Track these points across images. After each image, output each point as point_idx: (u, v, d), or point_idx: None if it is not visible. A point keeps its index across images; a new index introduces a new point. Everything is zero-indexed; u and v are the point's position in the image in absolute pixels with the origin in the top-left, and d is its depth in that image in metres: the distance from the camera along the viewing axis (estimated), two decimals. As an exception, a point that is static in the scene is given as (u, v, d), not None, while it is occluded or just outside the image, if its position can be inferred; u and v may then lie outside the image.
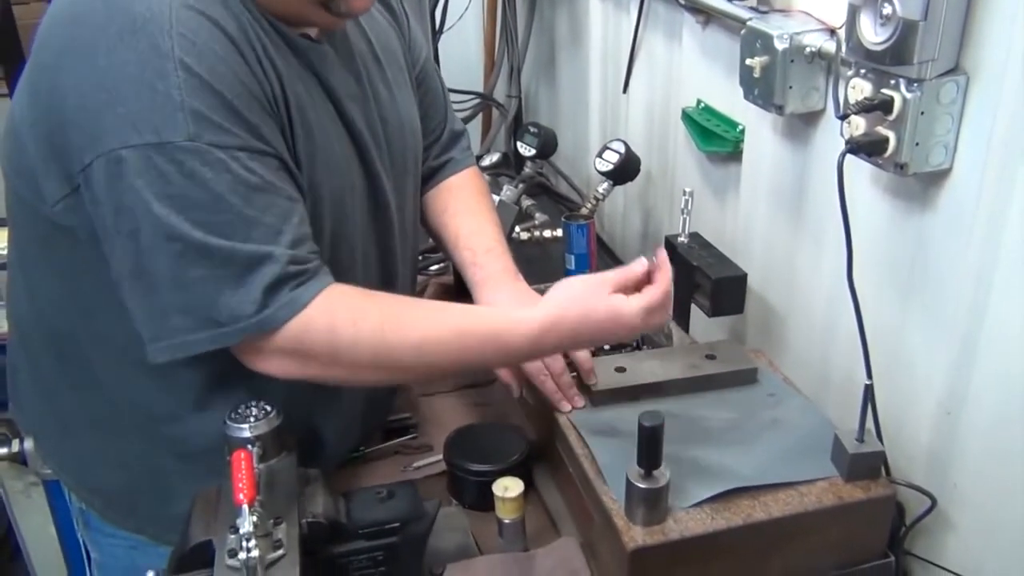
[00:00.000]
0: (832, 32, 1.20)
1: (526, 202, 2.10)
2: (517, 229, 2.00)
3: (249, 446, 0.97)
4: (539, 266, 1.93)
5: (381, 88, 1.18)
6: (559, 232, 1.93)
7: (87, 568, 1.30)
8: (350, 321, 1.00)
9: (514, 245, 1.93)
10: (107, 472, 1.17)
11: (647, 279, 1.11)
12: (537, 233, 2.03)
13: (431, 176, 1.39)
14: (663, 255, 1.12)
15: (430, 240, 1.45)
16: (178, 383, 1.08)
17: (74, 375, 1.12)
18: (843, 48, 1.12)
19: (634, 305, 1.07)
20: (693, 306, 1.50)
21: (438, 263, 1.90)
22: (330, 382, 1.06)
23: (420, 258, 1.67)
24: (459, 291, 1.63)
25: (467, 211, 1.37)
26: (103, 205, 0.93)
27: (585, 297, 1.09)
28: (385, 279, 1.21)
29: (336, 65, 1.09)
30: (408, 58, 1.29)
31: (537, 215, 2.10)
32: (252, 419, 1.00)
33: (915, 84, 1.00)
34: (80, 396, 1.14)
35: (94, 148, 0.90)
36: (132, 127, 0.89)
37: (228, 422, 1.00)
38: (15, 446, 1.98)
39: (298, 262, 0.97)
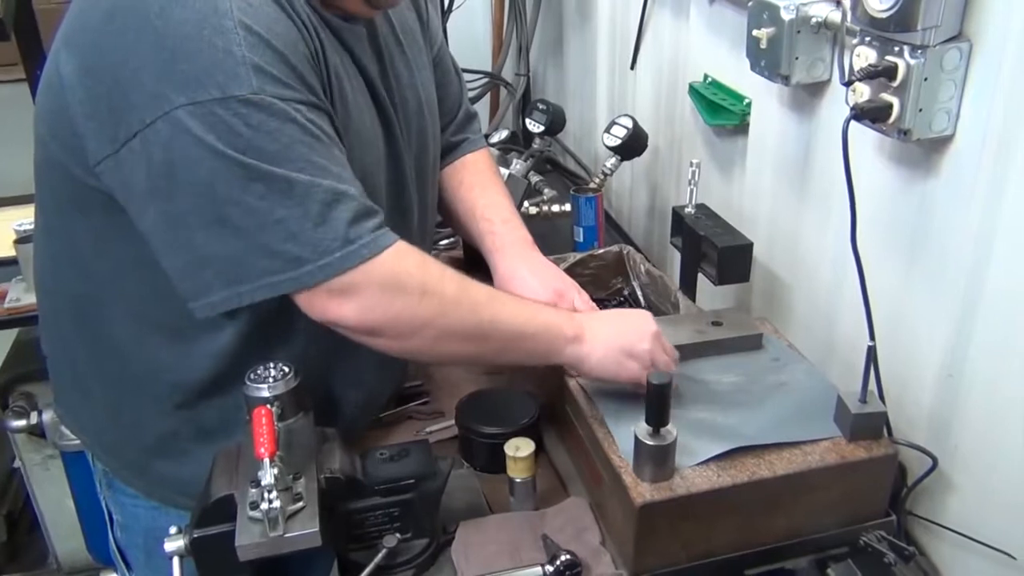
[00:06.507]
0: (838, 2, 1.21)
1: (534, 178, 2.12)
2: (526, 204, 2.02)
3: (268, 405, 1.00)
4: (547, 240, 1.95)
5: (402, 68, 1.21)
6: (567, 207, 1.95)
7: (110, 530, 1.33)
8: (434, 262, 1.08)
9: (522, 220, 1.96)
10: (119, 433, 1.20)
11: None
12: (545, 208, 2.05)
13: (447, 154, 1.44)
14: None
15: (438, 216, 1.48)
16: (195, 348, 1.10)
17: (92, 337, 1.15)
18: (848, 17, 1.14)
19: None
20: (700, 275, 1.52)
21: (447, 238, 1.92)
22: (399, 341, 1.07)
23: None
24: (468, 265, 1.66)
25: (482, 185, 1.43)
26: (161, 164, 0.93)
27: None
28: None
29: (365, 44, 1.13)
30: (427, 39, 1.32)
31: (545, 190, 2.12)
32: (271, 379, 1.02)
33: (919, 51, 1.02)
34: (97, 358, 1.17)
35: (156, 107, 0.91)
36: (196, 84, 0.90)
37: (247, 382, 1.02)
38: (33, 418, 2.01)
39: (371, 207, 1.01)
